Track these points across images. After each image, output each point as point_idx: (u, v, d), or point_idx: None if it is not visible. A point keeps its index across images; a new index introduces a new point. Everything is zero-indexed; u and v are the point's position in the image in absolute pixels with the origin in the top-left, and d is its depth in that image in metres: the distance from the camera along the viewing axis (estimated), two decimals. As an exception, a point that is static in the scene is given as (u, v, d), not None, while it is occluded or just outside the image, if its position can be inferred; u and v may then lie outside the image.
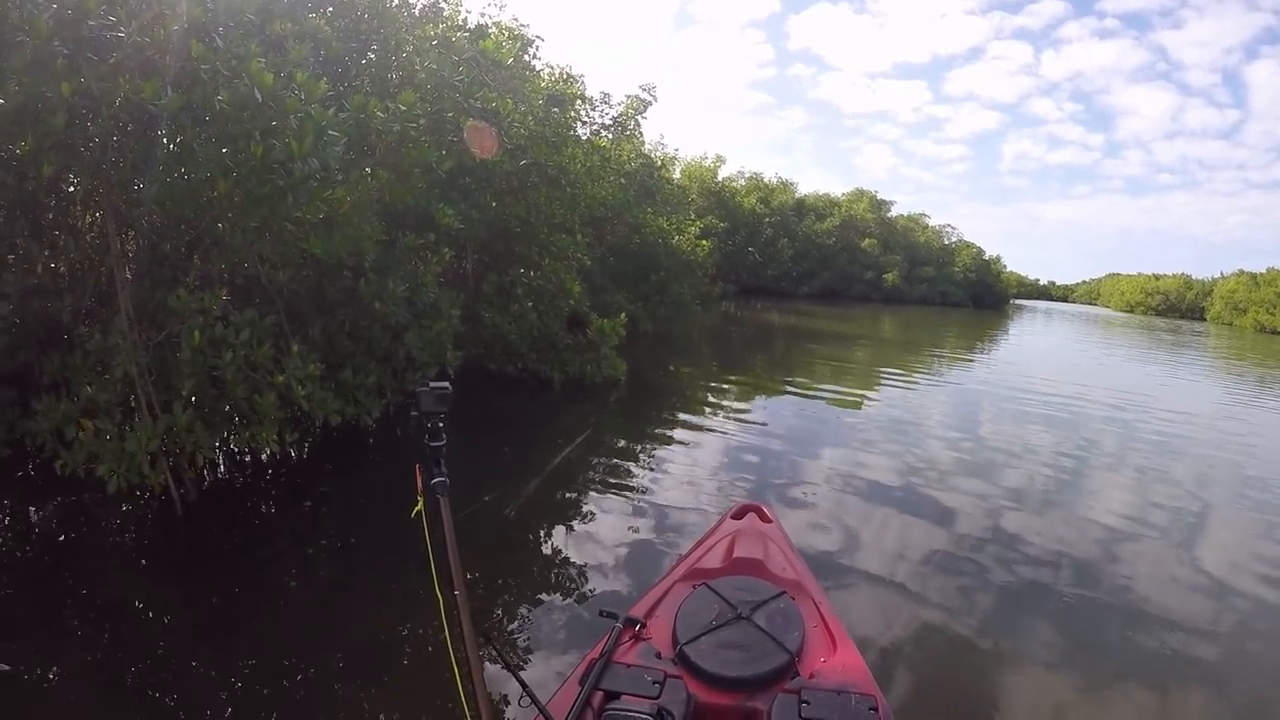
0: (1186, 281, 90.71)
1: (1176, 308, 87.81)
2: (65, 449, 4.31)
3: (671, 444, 7.92)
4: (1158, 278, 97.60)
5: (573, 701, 2.21)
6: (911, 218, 64.06)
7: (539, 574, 4.63)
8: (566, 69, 14.57)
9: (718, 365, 15.30)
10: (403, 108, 5.54)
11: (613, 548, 4.94)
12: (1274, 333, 58.38)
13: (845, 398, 11.99)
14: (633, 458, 7.33)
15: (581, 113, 15.39)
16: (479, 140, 7.85)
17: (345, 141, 4.65)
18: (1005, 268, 71.21)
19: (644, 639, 2.62)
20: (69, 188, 5.18)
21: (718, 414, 9.66)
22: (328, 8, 6.55)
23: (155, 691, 3.20)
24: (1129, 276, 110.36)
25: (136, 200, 4.79)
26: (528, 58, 12.08)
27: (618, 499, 5.90)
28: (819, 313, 35.67)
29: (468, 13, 10.96)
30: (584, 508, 5.75)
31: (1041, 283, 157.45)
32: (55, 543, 4.66)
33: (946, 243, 64.11)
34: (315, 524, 5.26)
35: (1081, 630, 4.31)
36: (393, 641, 3.75)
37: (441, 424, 2.11)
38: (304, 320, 6.28)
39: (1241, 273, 72.67)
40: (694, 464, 7.08)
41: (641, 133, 18.72)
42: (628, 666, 2.41)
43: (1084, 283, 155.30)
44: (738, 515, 3.72)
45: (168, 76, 3.96)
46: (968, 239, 66.47)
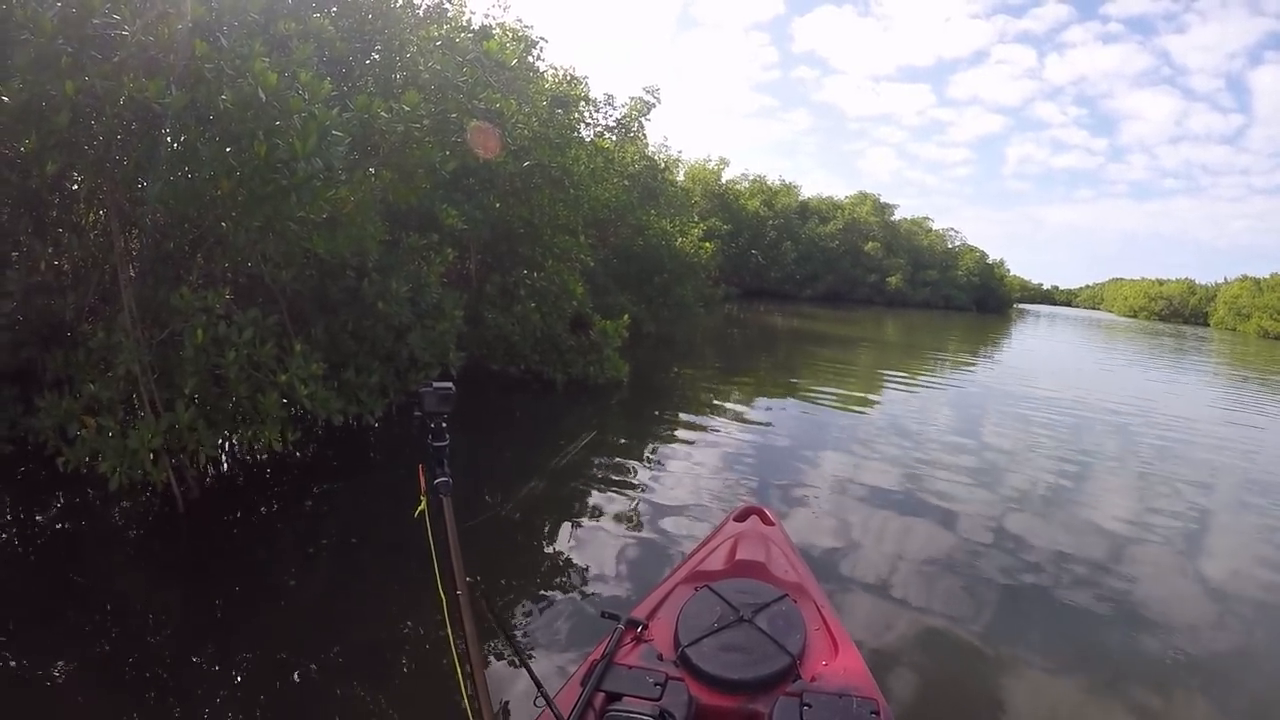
0: (1190, 286, 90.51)
1: (1180, 313, 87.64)
2: (67, 446, 4.31)
3: (674, 446, 7.91)
4: (1161, 283, 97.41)
5: (574, 702, 2.20)
6: (915, 221, 64.09)
7: (541, 575, 4.62)
8: (570, 70, 14.61)
9: (720, 367, 15.29)
10: (406, 108, 5.54)
11: (615, 549, 4.94)
12: (1278, 338, 58.26)
13: (848, 401, 11.97)
14: (635, 459, 7.32)
15: (585, 114, 15.40)
16: (482, 141, 7.85)
17: (349, 141, 4.65)
18: (1008, 272, 71.20)
19: (646, 640, 2.61)
20: (73, 186, 5.18)
21: (720, 416, 9.65)
22: (332, 8, 6.55)
23: (156, 689, 3.20)
24: (1132, 281, 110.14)
25: (140, 199, 4.79)
26: (532, 59, 12.11)
27: (620, 500, 5.89)
28: (822, 315, 35.66)
29: (472, 14, 10.97)
30: (586, 509, 5.74)
31: (1045, 287, 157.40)
32: (57, 540, 4.66)
33: (950, 246, 64.09)
34: (317, 523, 5.25)
35: (1083, 635, 4.30)
36: (395, 641, 3.74)
37: (445, 424, 2.11)
38: (307, 319, 6.28)
39: (1245, 278, 72.51)
40: (696, 466, 7.07)
41: (645, 134, 18.77)
42: (629, 668, 2.41)
43: (1087, 287, 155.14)
44: (740, 518, 3.72)
45: (172, 75, 3.96)
46: (971, 243, 66.64)
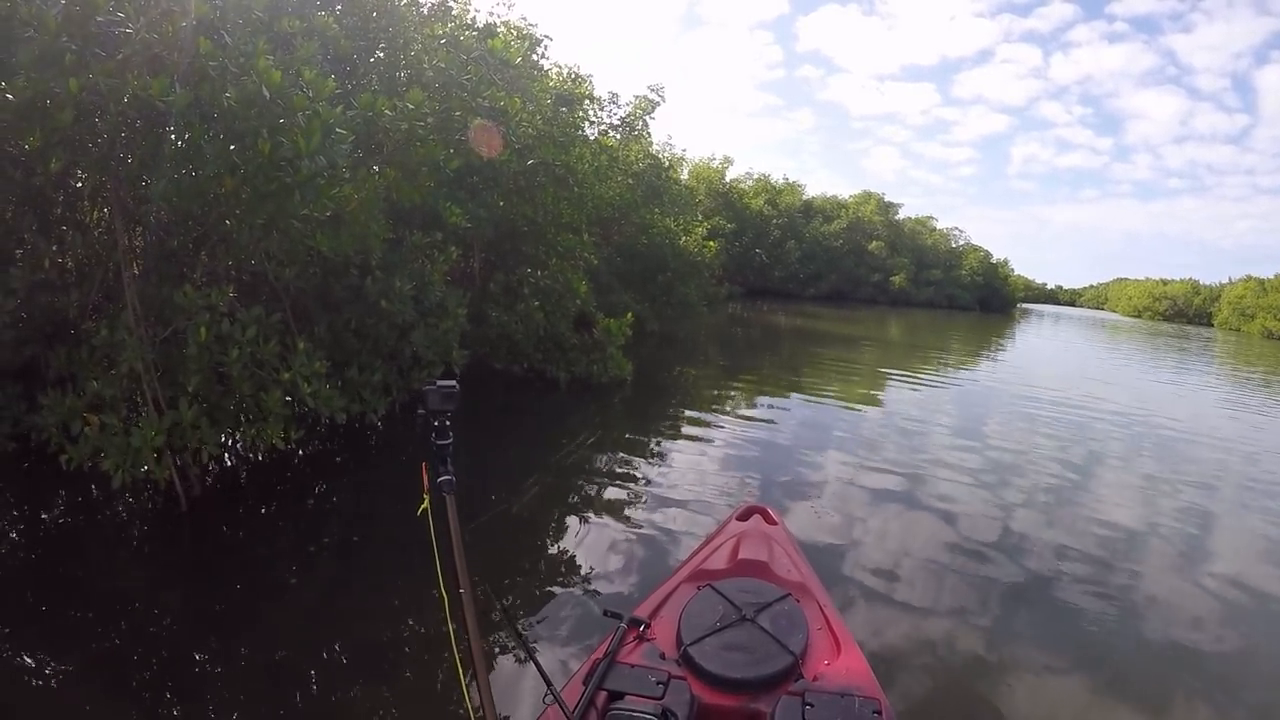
0: (1194, 287, 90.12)
1: (1184, 313, 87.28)
2: (71, 443, 4.32)
3: (677, 445, 7.91)
4: (1165, 283, 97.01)
5: (577, 701, 2.20)
6: (919, 220, 63.92)
7: (544, 573, 4.62)
8: (574, 69, 14.55)
9: (724, 366, 15.28)
10: (410, 106, 5.54)
11: (618, 548, 4.93)
12: (1282, 339, 58.07)
13: (851, 400, 11.96)
14: (638, 458, 7.32)
15: (589, 113, 15.36)
16: (484, 140, 7.84)
17: (353, 139, 4.65)
18: (1012, 271, 70.83)
19: (648, 639, 2.61)
20: (77, 183, 5.19)
21: (723, 415, 9.65)
22: (336, 6, 6.56)
23: (157, 687, 3.20)
24: (1136, 281, 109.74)
25: (144, 196, 4.80)
26: (536, 57, 12.07)
27: (623, 499, 5.89)
28: (826, 315, 35.62)
29: (476, 12, 10.98)
30: (589, 507, 5.74)
31: (1049, 287, 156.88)
32: (60, 537, 4.67)
33: (954, 246, 63.89)
34: (320, 521, 5.26)
35: (1086, 635, 4.28)
36: (398, 639, 3.75)
37: (448, 423, 2.11)
38: (310, 317, 6.29)
39: (1249, 278, 72.14)
40: (699, 465, 7.06)
41: (649, 133, 18.69)
42: (632, 667, 2.41)
43: (1091, 287, 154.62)
44: (743, 517, 3.72)
45: (176, 73, 3.96)
46: (975, 242, 66.35)
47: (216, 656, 3.45)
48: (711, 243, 19.99)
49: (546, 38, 12.26)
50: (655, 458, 7.39)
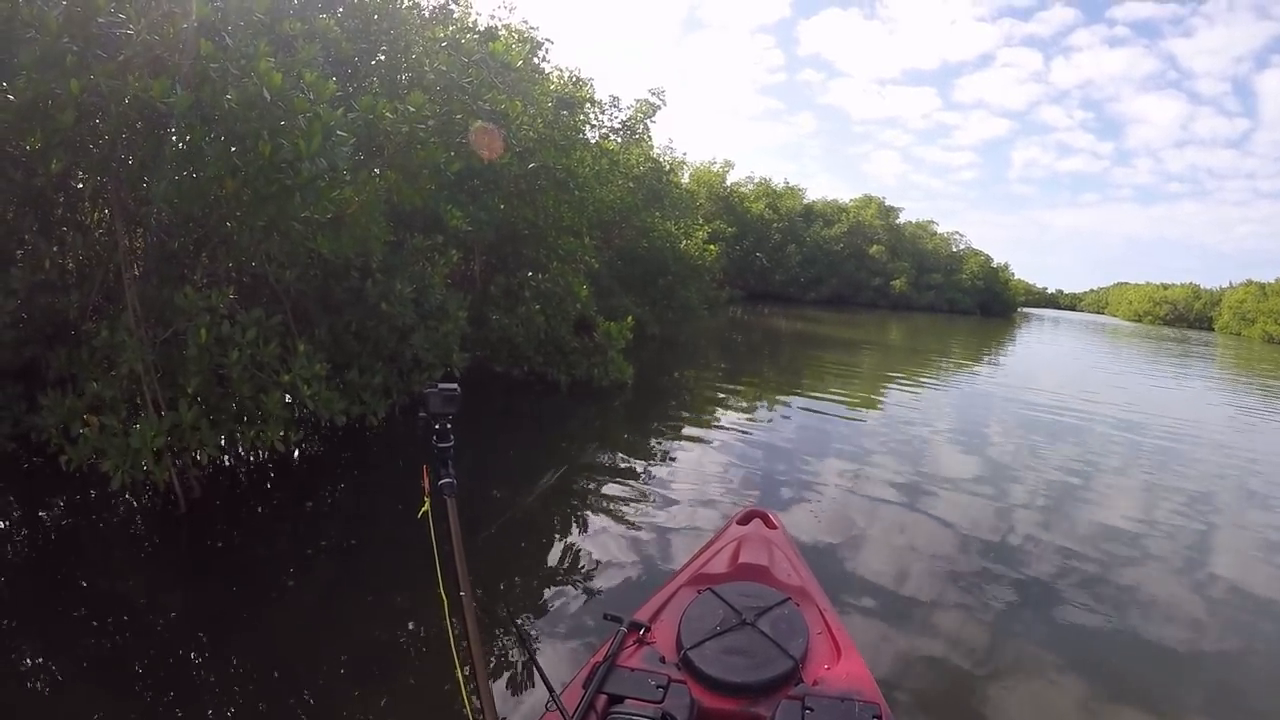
0: (1195, 291, 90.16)
1: (1184, 317, 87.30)
2: (70, 444, 4.31)
3: (678, 448, 7.90)
4: (1166, 287, 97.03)
5: (577, 704, 2.20)
6: (920, 224, 63.91)
7: (544, 576, 4.61)
8: (576, 72, 14.56)
9: (725, 370, 15.27)
10: (411, 109, 5.54)
11: (618, 552, 4.92)
12: (1283, 343, 58.06)
13: (852, 404, 11.95)
14: (639, 461, 7.31)
15: (590, 116, 15.34)
16: (485, 143, 7.84)
17: (353, 142, 4.65)
18: (1013, 275, 70.79)
19: (648, 643, 2.60)
20: (77, 184, 5.19)
21: (724, 419, 9.64)
22: (338, 8, 6.56)
23: (156, 689, 3.19)
24: (1137, 285, 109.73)
25: (145, 198, 4.80)
26: (537, 60, 12.08)
27: (624, 503, 5.88)
28: (826, 319, 35.62)
29: (477, 15, 11.01)
30: (590, 511, 5.73)
31: (1049, 291, 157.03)
32: (59, 538, 4.66)
33: (954, 250, 63.88)
34: (319, 524, 5.25)
35: (1087, 641, 4.27)
36: (397, 642, 3.74)
37: (449, 425, 2.11)
38: (311, 320, 6.29)
39: (1250, 283, 72.18)
40: (700, 469, 7.05)
41: (650, 137, 18.66)
42: (632, 670, 2.40)
43: (1092, 291, 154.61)
44: (743, 521, 3.71)
45: (177, 75, 3.96)
46: (976, 246, 66.26)
47: (215, 658, 3.44)
48: (712, 246, 19.99)
49: (548, 41, 12.29)
50: (656, 461, 7.39)
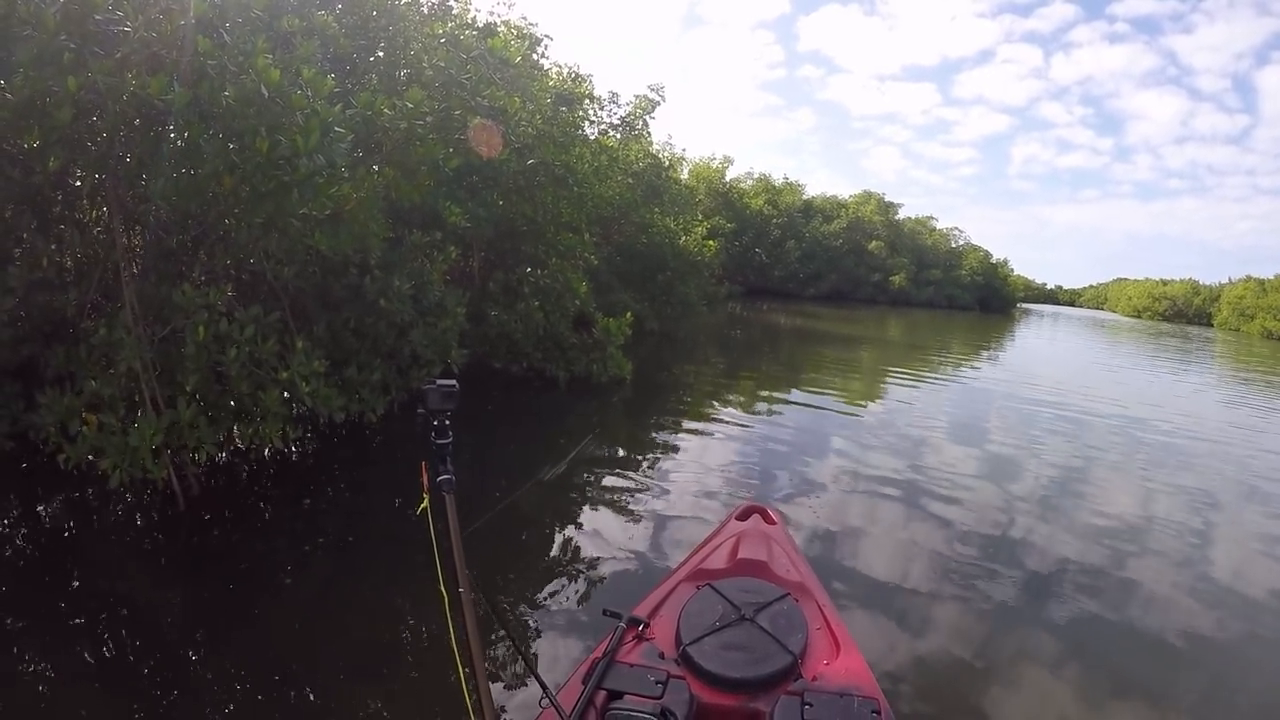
0: (1194, 287, 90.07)
1: (1184, 313, 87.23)
2: (69, 443, 4.30)
3: (677, 444, 7.90)
4: (1165, 283, 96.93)
5: (576, 700, 2.20)
6: (919, 220, 63.88)
7: (543, 573, 4.61)
8: (575, 68, 14.54)
9: (724, 365, 15.28)
10: (410, 105, 5.53)
11: (617, 547, 4.93)
12: (1282, 339, 58.06)
13: (851, 400, 11.95)
14: (638, 457, 7.32)
15: (589, 112, 15.33)
16: (484, 139, 7.83)
17: (352, 138, 4.64)
18: (1012, 271, 70.77)
19: (647, 639, 2.61)
20: (75, 182, 5.17)
21: (723, 414, 9.64)
22: (336, 5, 6.54)
23: (155, 687, 3.19)
24: (1136, 281, 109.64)
25: (143, 195, 4.79)
26: (536, 56, 12.07)
27: (622, 499, 5.88)
28: (825, 314, 35.62)
29: (476, 11, 10.97)
30: (589, 507, 5.74)
31: (1049, 287, 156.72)
32: (58, 536, 4.66)
33: (954, 246, 63.85)
34: (318, 521, 5.25)
35: (1087, 638, 4.27)
36: (396, 638, 3.74)
37: (448, 422, 2.11)
38: (309, 317, 6.28)
39: (1249, 279, 72.15)
40: (699, 464, 7.06)
41: (649, 133, 18.66)
42: (631, 666, 2.41)
43: (1091, 287, 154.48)
44: (742, 516, 3.71)
45: (175, 71, 3.95)
46: (975, 242, 66.32)
47: (214, 655, 3.44)
48: (711, 242, 19.98)
49: (547, 37, 12.28)
50: (655, 457, 7.39)
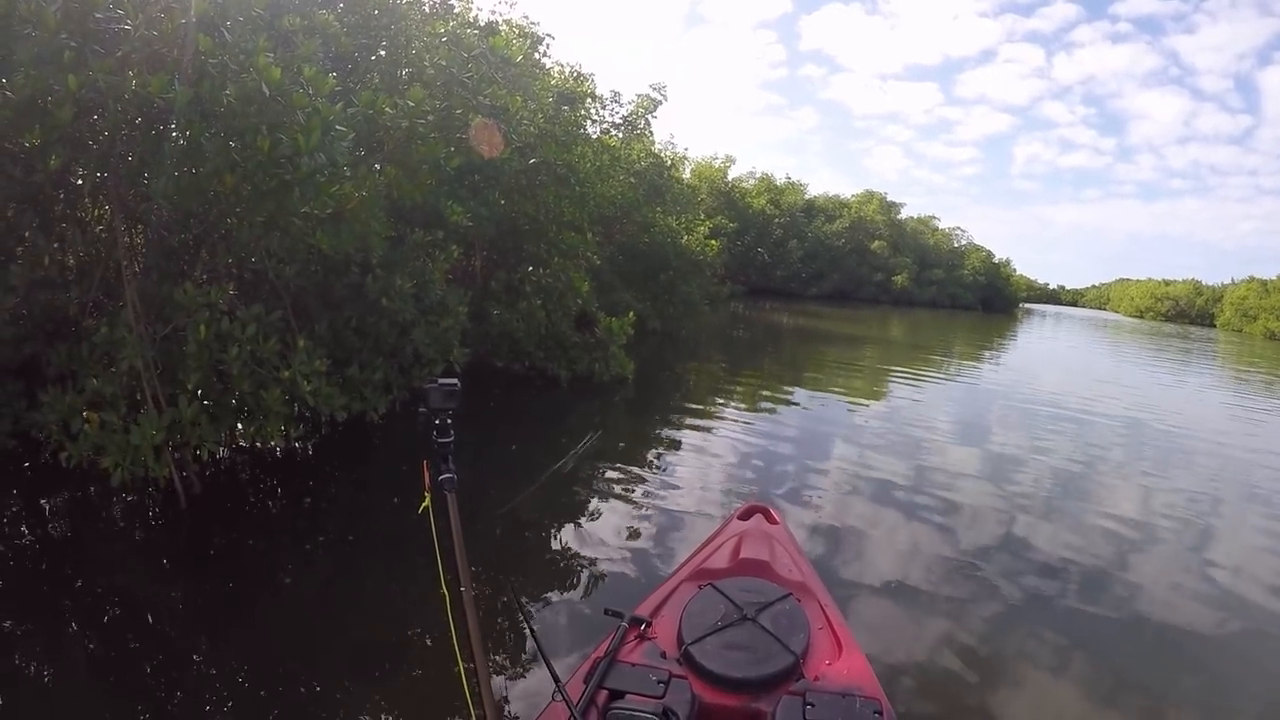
0: (1196, 287, 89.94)
1: (1186, 314, 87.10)
2: (71, 441, 4.31)
3: (679, 443, 7.89)
4: (1168, 283, 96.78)
5: (578, 700, 2.19)
6: (921, 220, 63.90)
7: (545, 572, 4.61)
8: (576, 67, 14.54)
9: (726, 365, 15.27)
10: (411, 104, 5.53)
11: (619, 547, 4.92)
12: (1285, 339, 57.92)
13: (853, 400, 11.94)
14: (640, 456, 7.31)
15: (591, 111, 15.35)
16: (485, 138, 7.82)
17: (353, 137, 4.64)
18: (1015, 271, 70.74)
19: (649, 638, 2.60)
20: (77, 181, 5.17)
21: (725, 414, 9.63)
22: (338, 3, 6.53)
23: (157, 683, 3.19)
24: (1139, 282, 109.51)
25: (144, 194, 4.79)
26: (538, 55, 12.07)
27: (624, 498, 5.88)
28: (828, 314, 35.61)
29: (478, 10, 10.95)
30: (590, 506, 5.73)
31: (1051, 287, 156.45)
32: (60, 534, 4.67)
33: (956, 245, 63.86)
34: (320, 519, 5.25)
35: (1089, 639, 4.26)
36: (398, 637, 3.73)
37: (450, 421, 2.11)
38: (311, 315, 6.28)
39: (1252, 279, 72.00)
40: (701, 464, 7.05)
41: (651, 132, 18.65)
42: (633, 666, 2.40)
43: (1094, 287, 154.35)
44: (744, 516, 3.71)
45: (176, 70, 3.95)
46: (977, 242, 66.44)
47: (215, 653, 3.44)
48: (713, 242, 19.98)
49: (549, 36, 12.30)
50: (657, 456, 7.38)
